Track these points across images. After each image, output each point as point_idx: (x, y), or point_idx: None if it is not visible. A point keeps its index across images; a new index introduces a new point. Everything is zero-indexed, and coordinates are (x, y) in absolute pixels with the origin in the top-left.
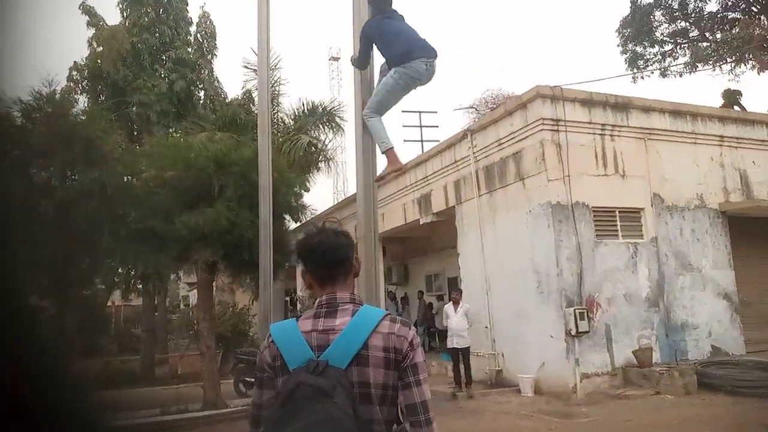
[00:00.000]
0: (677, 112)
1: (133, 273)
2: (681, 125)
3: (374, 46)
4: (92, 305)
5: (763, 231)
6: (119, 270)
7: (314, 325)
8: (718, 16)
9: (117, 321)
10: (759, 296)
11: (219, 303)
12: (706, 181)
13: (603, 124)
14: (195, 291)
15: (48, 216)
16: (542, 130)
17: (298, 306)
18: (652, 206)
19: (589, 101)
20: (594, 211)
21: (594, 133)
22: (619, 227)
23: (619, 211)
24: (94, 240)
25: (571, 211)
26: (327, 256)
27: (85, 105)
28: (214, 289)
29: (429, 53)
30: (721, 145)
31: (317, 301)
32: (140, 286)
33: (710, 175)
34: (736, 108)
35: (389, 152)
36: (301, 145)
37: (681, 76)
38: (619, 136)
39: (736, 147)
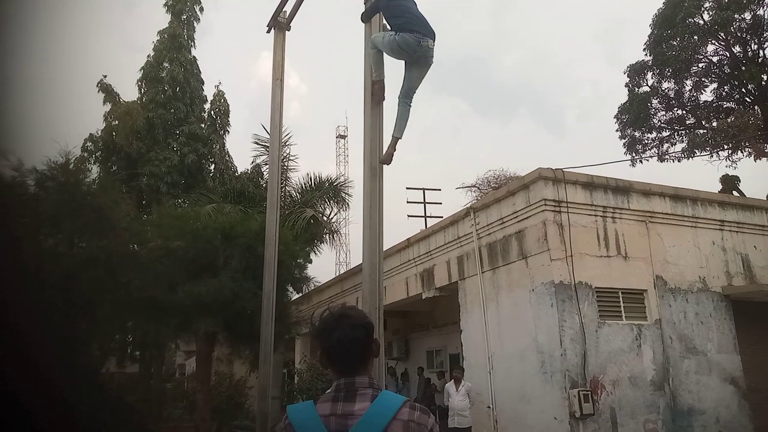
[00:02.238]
0: (677, 196)
1: (131, 340)
2: (681, 209)
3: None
4: (87, 372)
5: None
6: (117, 337)
7: (333, 409)
8: (713, 105)
9: (111, 389)
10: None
11: (216, 373)
12: (709, 265)
13: (604, 207)
14: (192, 360)
15: (51, 282)
16: (544, 210)
17: (296, 378)
18: (655, 288)
19: (590, 184)
20: (597, 291)
21: (596, 215)
22: (622, 308)
23: (622, 293)
24: (95, 307)
25: (574, 291)
26: (346, 354)
27: (98, 175)
28: (213, 359)
29: (424, 31)
30: (722, 230)
31: (335, 384)
32: (137, 353)
33: (712, 258)
34: (735, 193)
35: (377, 83)
36: (305, 218)
37: (679, 161)
38: (620, 218)
39: (737, 232)
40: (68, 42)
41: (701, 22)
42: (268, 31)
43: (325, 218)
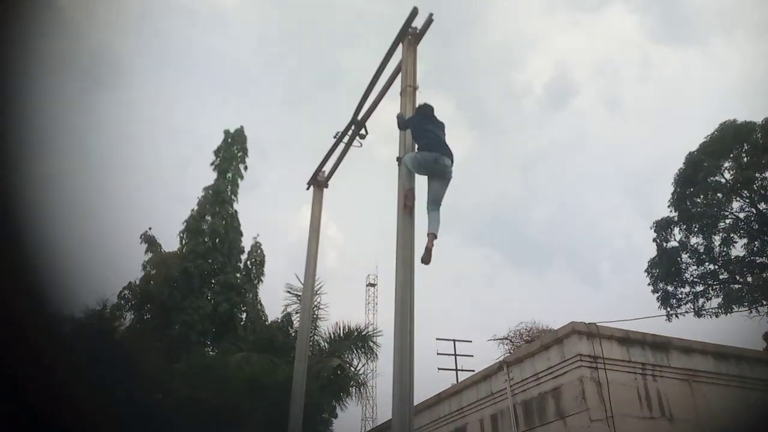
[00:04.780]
0: (720, 354)
1: None
2: (726, 368)
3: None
4: None
5: None
6: None
7: None
8: (746, 260)
9: None
10: None
11: None
12: None
13: (643, 364)
14: None
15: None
16: (580, 366)
17: None
18: None
19: (626, 339)
20: None
21: (635, 373)
22: None
23: None
24: None
25: None
26: None
27: (131, 322)
28: None
29: (441, 150)
30: None
31: None
32: None
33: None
34: None
35: (408, 191)
36: (330, 368)
37: (717, 316)
38: (661, 376)
39: None
40: (123, 197)
41: (723, 180)
42: (308, 188)
43: (352, 369)
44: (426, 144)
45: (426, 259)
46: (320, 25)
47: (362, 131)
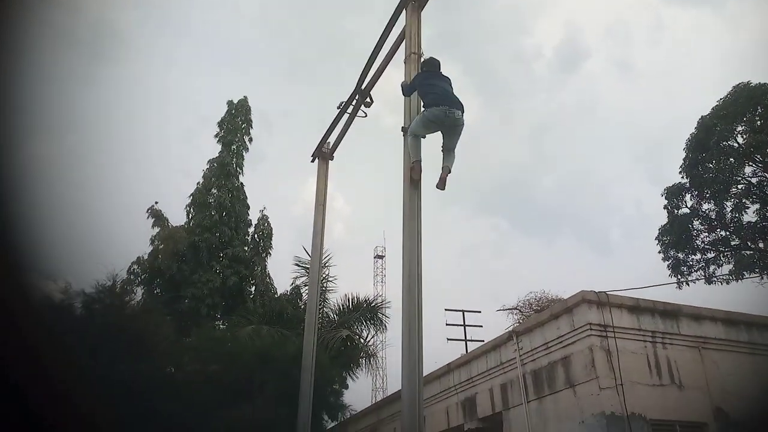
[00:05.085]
0: (730, 320)
1: None
2: (737, 334)
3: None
4: None
5: None
6: None
7: None
8: (758, 226)
9: None
10: None
11: None
12: None
13: (653, 332)
14: None
15: (86, 406)
16: (590, 335)
17: None
18: (715, 421)
19: (636, 308)
20: (653, 423)
21: (645, 341)
22: None
23: (679, 425)
24: None
25: (627, 424)
26: None
27: (142, 297)
28: None
29: (451, 104)
30: None
31: None
32: None
33: None
34: None
35: (415, 164)
36: (339, 339)
37: (728, 283)
38: (671, 344)
39: None
40: (126, 169)
41: (735, 145)
42: (313, 161)
43: (362, 340)
44: (432, 99)
45: (441, 186)
46: None
47: (367, 100)
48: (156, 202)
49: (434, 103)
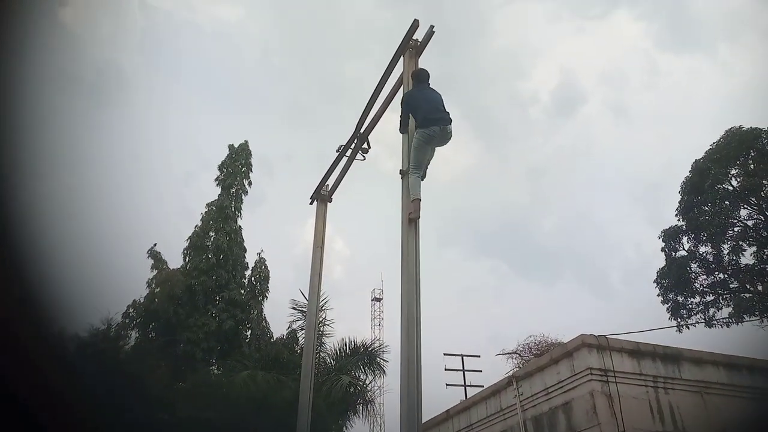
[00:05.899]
0: (732, 364)
1: None
2: (738, 379)
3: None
4: None
5: None
6: None
7: None
8: (756, 268)
9: None
10: None
11: None
12: None
13: (654, 376)
14: None
15: None
16: (591, 380)
17: None
18: None
19: (637, 352)
20: None
21: (646, 386)
22: None
23: None
24: None
25: None
26: None
27: (136, 340)
28: None
29: (443, 120)
30: None
31: None
32: None
33: None
34: None
35: (414, 201)
36: (341, 386)
37: (728, 326)
38: (673, 389)
39: None
40: (126, 212)
41: (730, 188)
42: (311, 203)
43: (359, 385)
44: (425, 115)
45: (415, 215)
46: (323, 37)
47: (365, 145)
48: (155, 244)
49: (427, 123)
